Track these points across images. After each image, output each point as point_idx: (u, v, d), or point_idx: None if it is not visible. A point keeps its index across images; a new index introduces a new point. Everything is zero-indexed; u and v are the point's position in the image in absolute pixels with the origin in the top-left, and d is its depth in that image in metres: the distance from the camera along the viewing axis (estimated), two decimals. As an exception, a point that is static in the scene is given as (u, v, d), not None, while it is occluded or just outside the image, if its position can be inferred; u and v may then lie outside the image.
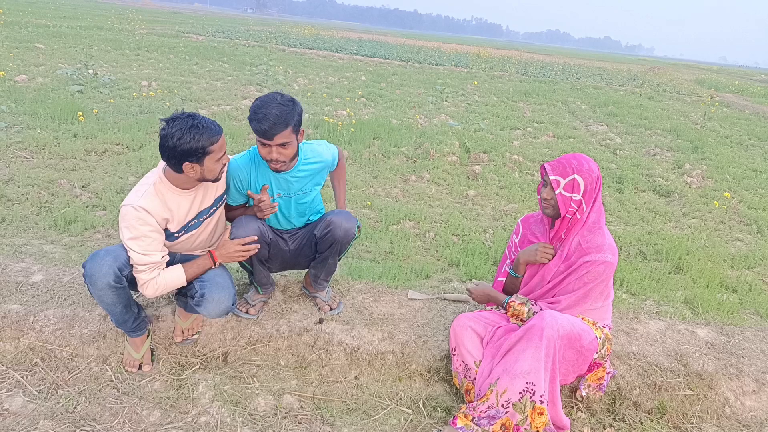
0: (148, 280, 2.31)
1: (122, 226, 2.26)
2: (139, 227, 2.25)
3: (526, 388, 2.20)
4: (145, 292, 2.34)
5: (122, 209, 2.26)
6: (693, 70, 40.39)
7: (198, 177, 2.32)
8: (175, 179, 2.33)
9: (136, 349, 2.56)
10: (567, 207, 2.35)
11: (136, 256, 2.27)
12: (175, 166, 2.26)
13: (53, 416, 2.27)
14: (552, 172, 2.35)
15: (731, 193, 6.26)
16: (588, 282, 2.36)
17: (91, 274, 2.25)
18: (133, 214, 2.24)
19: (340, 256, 2.80)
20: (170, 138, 2.19)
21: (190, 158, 2.23)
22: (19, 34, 14.25)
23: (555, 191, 2.34)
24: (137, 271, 2.30)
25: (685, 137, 9.54)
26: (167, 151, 2.22)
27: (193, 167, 2.27)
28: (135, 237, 2.25)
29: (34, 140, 5.41)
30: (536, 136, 8.69)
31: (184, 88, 9.21)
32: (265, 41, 22.70)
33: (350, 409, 2.52)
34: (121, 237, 2.29)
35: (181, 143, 2.18)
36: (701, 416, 2.67)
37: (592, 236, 2.37)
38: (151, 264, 2.30)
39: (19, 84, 7.97)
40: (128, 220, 2.24)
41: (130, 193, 2.31)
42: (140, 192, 2.28)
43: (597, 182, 2.35)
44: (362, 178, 5.64)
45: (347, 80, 12.92)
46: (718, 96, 18.38)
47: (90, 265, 2.26)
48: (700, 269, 4.06)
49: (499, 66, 22.17)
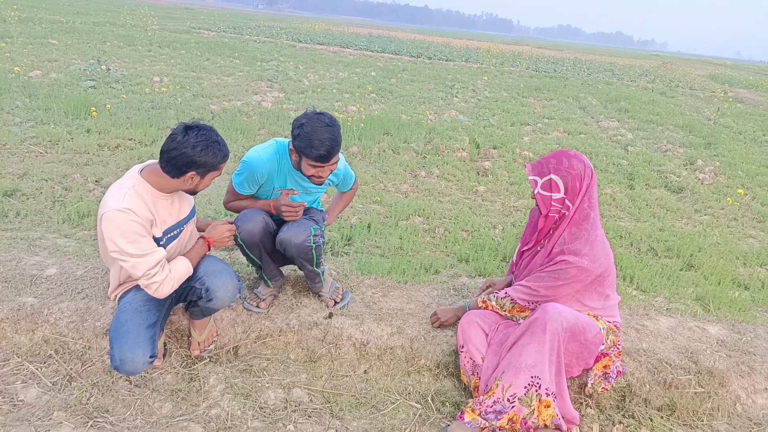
0: (163, 279, 2.24)
1: (113, 234, 2.12)
2: (132, 229, 2.14)
3: (532, 381, 2.21)
4: (162, 291, 2.25)
5: (106, 215, 2.12)
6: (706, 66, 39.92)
7: (189, 187, 2.31)
8: (158, 182, 2.27)
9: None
10: (548, 206, 2.35)
11: (139, 261, 2.16)
12: (177, 171, 2.21)
13: (67, 407, 2.31)
14: (531, 172, 2.38)
15: (744, 189, 6.19)
16: (558, 279, 2.34)
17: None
18: (122, 217, 2.12)
19: (314, 264, 2.74)
20: (188, 146, 2.16)
21: (198, 169, 2.23)
22: (33, 30, 14.39)
23: (534, 191, 2.35)
24: (148, 277, 2.20)
25: (698, 133, 9.44)
26: (180, 156, 2.17)
27: (194, 178, 2.26)
28: (132, 241, 2.14)
29: (48, 135, 5.47)
30: (546, 132, 8.64)
31: (195, 84, 9.25)
32: (275, 37, 22.74)
33: (359, 403, 2.54)
34: (111, 249, 2.15)
35: (200, 154, 2.18)
36: (712, 414, 2.66)
37: (576, 240, 2.34)
38: (159, 261, 2.23)
39: (33, 80, 8.05)
40: (119, 224, 2.12)
41: (106, 201, 2.17)
42: (120, 196, 2.17)
43: (580, 179, 2.30)
44: (372, 173, 5.65)
45: (357, 76, 12.91)
46: (732, 91, 18.16)
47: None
48: (711, 266, 4.03)
49: (510, 61, 22.04)
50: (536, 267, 2.48)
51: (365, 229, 4.09)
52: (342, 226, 4.10)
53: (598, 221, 2.41)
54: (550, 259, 2.41)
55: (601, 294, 2.43)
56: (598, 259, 2.32)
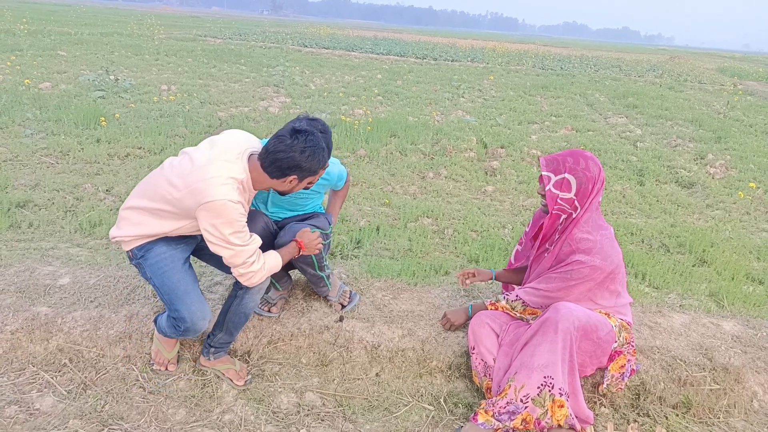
0: (258, 269, 2.28)
1: (218, 223, 2.13)
2: (239, 220, 2.16)
3: (545, 381, 2.20)
4: (253, 280, 2.29)
5: (218, 204, 2.10)
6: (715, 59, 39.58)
7: (286, 189, 2.31)
8: (256, 178, 2.26)
9: (170, 348, 2.60)
10: (554, 204, 2.33)
11: (241, 250, 2.20)
12: (280, 173, 2.21)
13: (82, 415, 2.33)
14: (545, 167, 2.34)
15: (756, 183, 6.13)
16: (570, 279, 2.33)
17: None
18: (233, 209, 2.12)
19: (315, 268, 2.74)
20: (296, 150, 2.16)
21: (300, 173, 2.23)
22: (42, 42, 14.56)
23: (545, 187, 2.32)
24: (247, 266, 2.24)
25: (708, 127, 9.36)
26: (287, 159, 2.17)
27: (292, 181, 2.26)
28: (237, 231, 2.16)
29: (59, 146, 5.53)
30: (554, 130, 8.61)
31: (202, 91, 9.32)
32: (281, 42, 22.84)
33: (372, 406, 2.54)
34: (212, 234, 2.16)
35: (307, 160, 2.19)
36: (728, 411, 2.63)
37: (585, 239, 2.33)
38: (257, 250, 2.27)
39: (43, 91, 8.15)
40: (229, 215, 2.12)
41: (210, 186, 2.12)
42: (228, 187, 2.14)
43: (593, 182, 2.29)
44: (380, 176, 5.66)
45: (363, 79, 12.94)
46: (741, 84, 17.98)
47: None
48: (724, 261, 3.98)
49: (516, 60, 21.98)
50: (545, 270, 2.46)
51: (374, 232, 4.10)
52: (351, 229, 4.10)
53: (603, 219, 2.42)
54: (559, 261, 2.40)
55: (613, 292, 2.42)
56: (609, 256, 2.31)
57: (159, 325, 2.53)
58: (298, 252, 2.49)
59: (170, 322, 2.41)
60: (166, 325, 2.45)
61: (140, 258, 2.37)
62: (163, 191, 2.22)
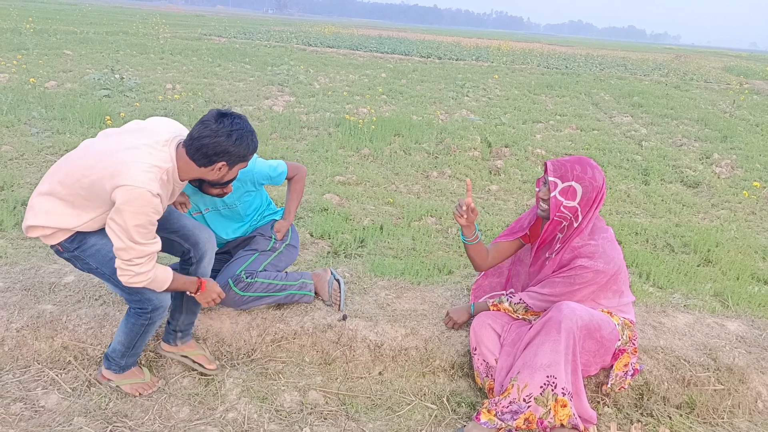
0: (141, 272, 2.08)
1: (130, 209, 1.95)
2: (150, 215, 2.00)
3: (547, 381, 2.19)
4: (131, 281, 2.09)
5: (134, 190, 1.94)
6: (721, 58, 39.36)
7: (216, 178, 2.19)
8: (182, 168, 2.13)
9: (140, 374, 2.50)
10: (556, 211, 2.32)
11: (134, 247, 2.01)
12: (207, 160, 2.10)
13: (87, 413, 2.34)
14: (553, 173, 2.32)
15: (761, 182, 6.09)
16: (574, 284, 2.33)
17: None
18: (150, 201, 1.98)
19: (276, 296, 2.76)
20: (222, 134, 2.07)
21: (229, 159, 2.13)
22: (48, 41, 14.63)
23: (551, 193, 2.31)
24: (130, 264, 2.04)
25: (714, 126, 9.32)
26: (213, 144, 2.07)
27: (221, 169, 2.15)
28: (141, 224, 1.99)
29: (64, 145, 5.56)
30: (559, 129, 8.58)
31: (207, 90, 9.34)
32: (285, 41, 22.86)
33: (375, 405, 2.54)
34: (113, 219, 1.98)
35: (234, 144, 2.10)
36: (732, 411, 2.62)
37: (587, 244, 2.33)
38: (152, 254, 2.09)
39: (48, 90, 8.19)
40: (142, 206, 1.97)
41: (134, 169, 1.97)
42: (151, 175, 2.00)
43: (598, 192, 2.30)
44: (384, 175, 5.66)
45: (368, 78, 12.94)
46: (748, 83, 17.88)
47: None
48: (729, 261, 3.97)
49: (521, 59, 21.93)
50: (547, 275, 2.46)
51: (378, 231, 4.10)
52: (354, 228, 4.11)
53: (603, 222, 2.43)
54: (561, 266, 2.39)
55: (616, 292, 2.42)
56: (612, 259, 2.31)
57: (114, 351, 2.40)
58: (196, 291, 2.34)
59: (132, 317, 2.30)
60: (127, 327, 2.34)
61: (75, 250, 2.19)
62: (78, 174, 2.05)
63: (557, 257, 2.40)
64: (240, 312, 2.79)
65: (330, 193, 4.80)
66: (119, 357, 2.40)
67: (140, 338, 2.38)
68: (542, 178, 2.42)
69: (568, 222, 2.34)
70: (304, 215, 4.32)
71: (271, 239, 2.83)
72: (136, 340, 2.38)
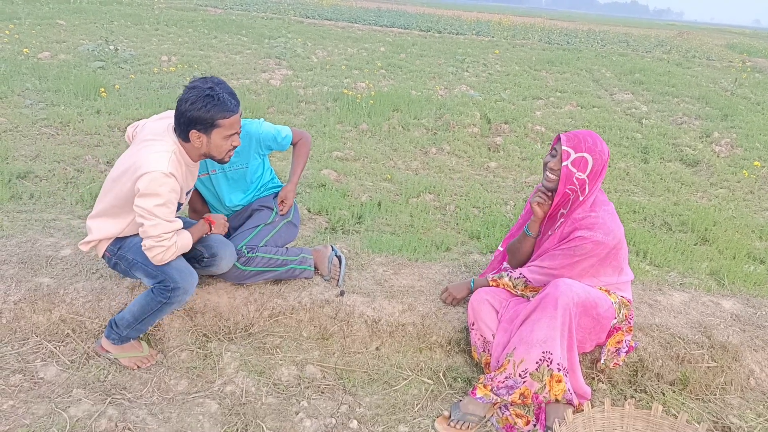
0: (169, 246, 2.26)
1: (148, 191, 2.16)
2: (168, 194, 2.19)
3: (543, 356, 2.21)
4: (162, 258, 2.27)
5: (149, 175, 2.16)
6: (724, 35, 38.92)
7: (204, 150, 2.31)
8: (185, 149, 2.32)
9: (139, 348, 2.52)
10: (568, 182, 2.31)
11: (160, 224, 2.21)
12: (183, 132, 2.26)
13: (86, 385, 2.36)
14: (566, 142, 2.32)
15: (761, 161, 6.08)
16: (574, 255, 2.34)
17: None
18: (165, 180, 2.17)
19: (274, 271, 2.79)
20: (184, 102, 2.21)
21: (197, 126, 2.23)
22: (40, 11, 14.34)
23: (562, 162, 2.31)
24: (159, 239, 2.22)
25: (715, 105, 9.25)
26: (179, 115, 2.23)
27: (200, 137, 2.25)
28: (162, 204, 2.19)
29: (59, 117, 5.49)
30: (559, 106, 8.52)
31: (203, 63, 9.21)
32: (283, 13, 22.46)
33: (372, 380, 2.57)
34: (141, 204, 2.18)
35: (192, 109, 2.19)
36: (725, 388, 2.65)
37: (587, 216, 2.34)
38: (175, 230, 2.28)
39: (42, 61, 8.06)
40: (158, 187, 2.16)
41: (148, 159, 2.21)
42: (164, 158, 2.21)
43: (604, 165, 2.33)
44: (382, 150, 5.62)
45: (366, 52, 12.76)
46: (750, 61, 17.70)
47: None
48: (726, 240, 3.98)
49: (522, 34, 21.65)
50: (546, 250, 2.46)
51: (376, 207, 4.09)
52: (352, 204, 4.09)
53: (605, 196, 2.43)
54: (562, 239, 2.40)
55: (616, 268, 2.43)
56: (612, 230, 2.32)
57: (122, 319, 2.42)
58: (210, 229, 2.52)
59: (153, 292, 2.36)
60: (144, 300, 2.37)
61: (118, 250, 2.44)
62: (108, 188, 2.37)
63: (558, 231, 2.40)
64: (238, 287, 2.79)
65: (328, 169, 4.77)
66: (124, 326, 2.42)
67: (151, 315, 2.40)
68: (550, 151, 2.42)
69: (575, 195, 2.34)
70: (302, 191, 4.30)
71: (272, 211, 2.83)
72: (146, 316, 2.40)
